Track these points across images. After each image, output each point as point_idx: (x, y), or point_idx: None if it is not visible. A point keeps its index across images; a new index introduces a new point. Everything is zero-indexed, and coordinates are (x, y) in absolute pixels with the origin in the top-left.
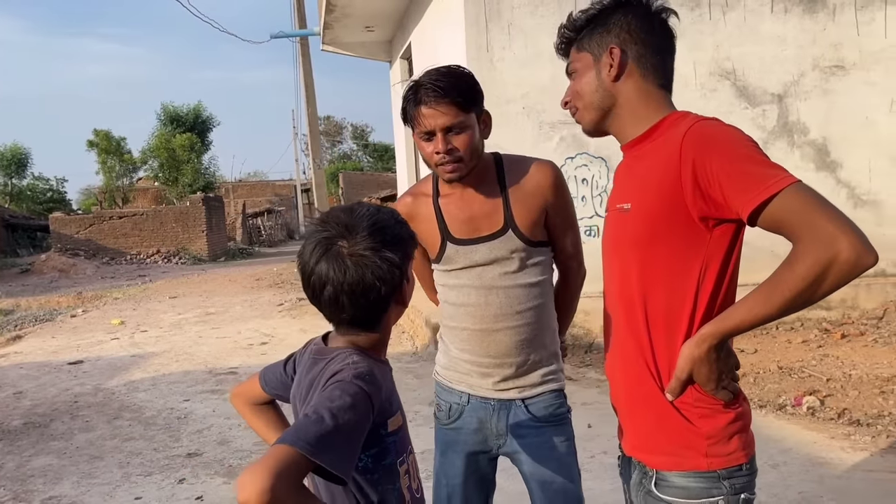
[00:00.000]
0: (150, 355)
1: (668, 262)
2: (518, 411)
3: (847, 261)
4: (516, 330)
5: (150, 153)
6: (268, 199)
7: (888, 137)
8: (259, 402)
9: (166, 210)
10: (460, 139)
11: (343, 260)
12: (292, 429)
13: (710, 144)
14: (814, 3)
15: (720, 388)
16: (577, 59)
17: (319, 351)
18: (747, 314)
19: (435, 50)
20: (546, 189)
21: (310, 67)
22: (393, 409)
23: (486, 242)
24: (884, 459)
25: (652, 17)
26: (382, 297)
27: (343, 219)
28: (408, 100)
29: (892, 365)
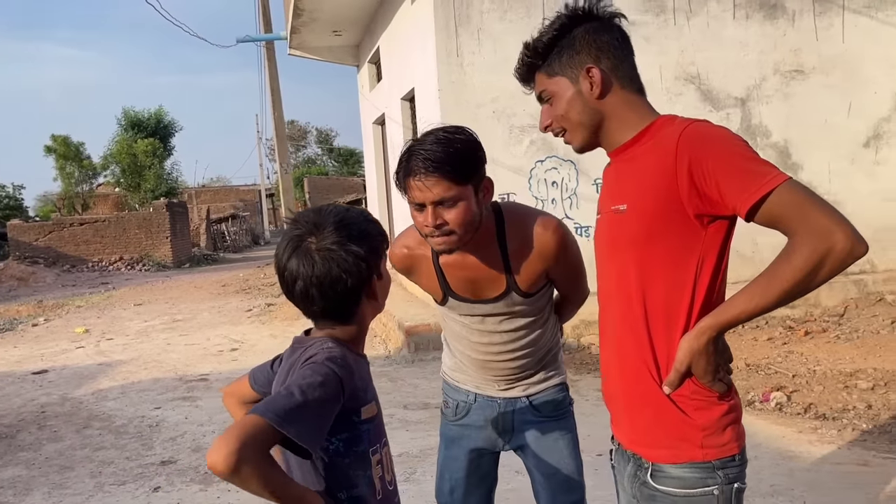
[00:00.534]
0: (118, 363)
1: (666, 259)
2: (523, 407)
3: (842, 251)
4: (516, 360)
5: (112, 158)
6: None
7: (846, 140)
8: (249, 400)
9: (129, 216)
10: (452, 214)
11: (311, 255)
12: (263, 402)
13: (705, 144)
14: (774, 10)
15: (716, 380)
16: (551, 83)
17: (299, 340)
18: (746, 305)
19: (404, 54)
20: (550, 254)
21: (276, 71)
22: (367, 398)
23: (489, 304)
24: (850, 452)
25: (610, 25)
26: (350, 290)
27: (312, 217)
28: (400, 167)
29: (853, 360)
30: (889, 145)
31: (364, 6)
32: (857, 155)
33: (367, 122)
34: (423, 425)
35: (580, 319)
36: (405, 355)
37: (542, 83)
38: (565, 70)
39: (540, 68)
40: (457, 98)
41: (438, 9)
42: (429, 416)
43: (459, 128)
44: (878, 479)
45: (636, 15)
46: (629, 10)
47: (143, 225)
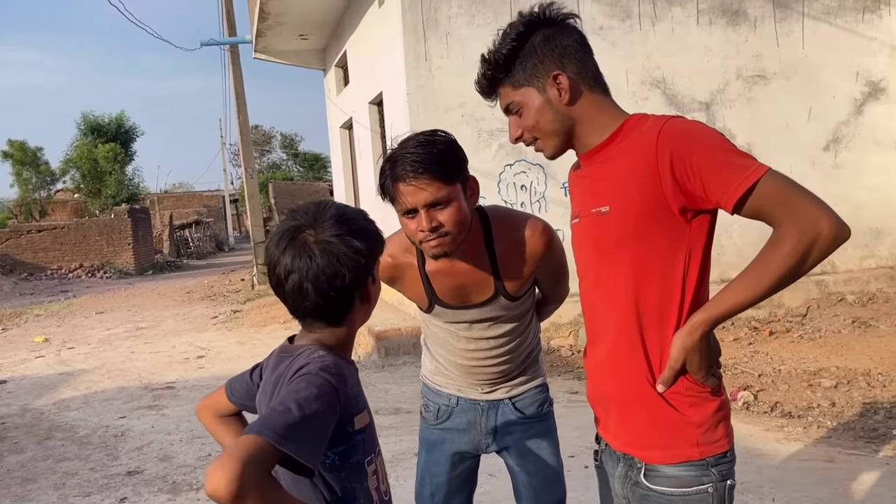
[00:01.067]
0: (80, 372)
1: (654, 257)
2: (506, 409)
3: (829, 236)
4: (500, 364)
5: (71, 164)
6: (195, 210)
7: (807, 143)
8: (226, 413)
9: (89, 223)
10: (446, 214)
11: (309, 248)
12: (259, 420)
13: (686, 141)
14: (736, 16)
15: (709, 375)
16: (517, 95)
17: (284, 349)
18: (738, 297)
19: (372, 58)
20: (539, 256)
21: (240, 75)
22: (360, 407)
23: (477, 308)
24: (816, 448)
25: (567, 28)
26: (347, 287)
27: (310, 210)
28: (384, 175)
29: (817, 359)
30: (847, 149)
31: (331, 10)
32: (818, 158)
33: (334, 127)
34: (395, 430)
35: (550, 322)
36: (375, 360)
37: (507, 96)
38: (531, 80)
39: (503, 81)
40: (425, 102)
41: (406, 13)
42: (400, 420)
43: (436, 131)
44: (844, 475)
45: (603, 20)
46: (596, 15)
47: (105, 231)
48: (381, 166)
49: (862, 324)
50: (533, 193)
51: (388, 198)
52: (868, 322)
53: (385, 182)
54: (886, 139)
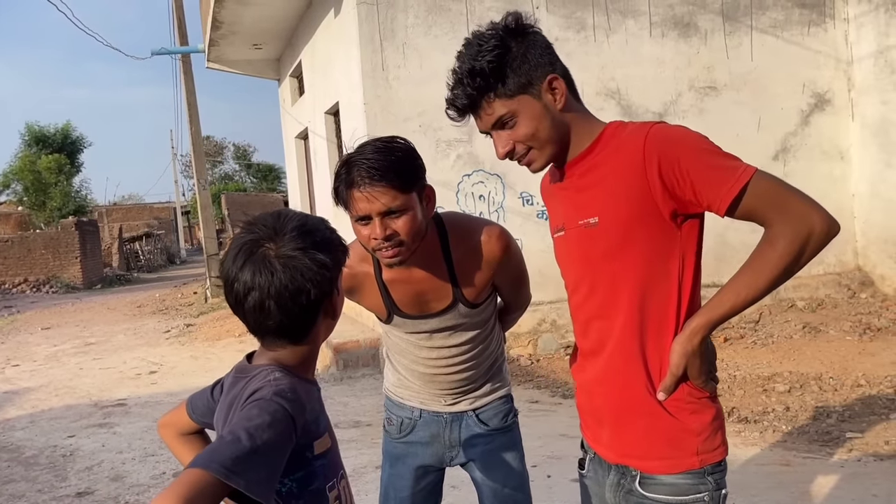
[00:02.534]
0: (26, 391)
1: (648, 265)
2: (469, 421)
3: (822, 232)
4: (463, 372)
5: (13, 176)
6: (146, 222)
7: (757, 153)
8: (188, 431)
9: (34, 236)
10: (400, 223)
11: (270, 262)
12: (206, 451)
13: (673, 145)
14: (687, 28)
15: (709, 380)
16: (512, 104)
17: (241, 369)
18: (736, 298)
19: (328, 68)
20: (496, 261)
21: (192, 85)
22: (320, 431)
23: (436, 317)
24: (773, 453)
25: (539, 35)
26: (312, 303)
27: (269, 222)
28: (339, 179)
29: (770, 365)
30: (796, 158)
31: (285, 19)
32: (768, 167)
33: (289, 137)
34: (355, 444)
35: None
36: (333, 373)
37: (498, 108)
38: (526, 87)
39: (494, 93)
40: (383, 112)
41: (363, 23)
42: (360, 434)
43: (394, 137)
44: (800, 477)
45: (558, 31)
46: (551, 27)
47: (50, 245)
48: (336, 170)
49: (812, 329)
50: (491, 203)
51: (341, 203)
52: (818, 327)
53: (339, 187)
54: (832, 149)
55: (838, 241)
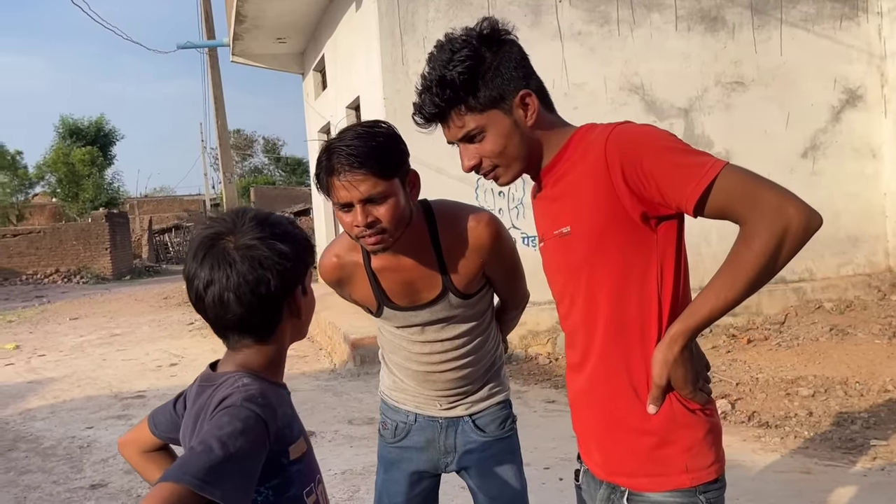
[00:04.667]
0: (49, 381)
1: (624, 272)
2: (465, 427)
3: (799, 226)
4: (459, 369)
5: (47, 168)
6: (175, 214)
7: (785, 150)
8: (150, 448)
9: (66, 227)
10: (382, 210)
11: (229, 255)
12: (176, 464)
13: (634, 145)
14: (714, 22)
15: (697, 389)
16: (481, 119)
17: (206, 378)
18: (715, 302)
19: (349, 62)
20: (484, 247)
21: (219, 79)
22: (294, 435)
23: (427, 308)
24: (793, 460)
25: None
26: (272, 295)
27: (230, 216)
28: (320, 167)
29: (794, 367)
30: (825, 156)
31: (308, 13)
32: (796, 165)
33: (312, 131)
34: (368, 441)
35: (527, 329)
36: (350, 369)
37: (468, 122)
38: (497, 102)
39: (464, 105)
40: (403, 107)
41: (383, 17)
42: (373, 431)
43: (377, 121)
44: (821, 486)
45: (581, 25)
46: (574, 20)
47: (81, 236)
48: (318, 156)
49: (840, 331)
50: (511, 199)
51: (323, 190)
52: (846, 330)
53: (320, 174)
54: (863, 146)
55: (869, 241)
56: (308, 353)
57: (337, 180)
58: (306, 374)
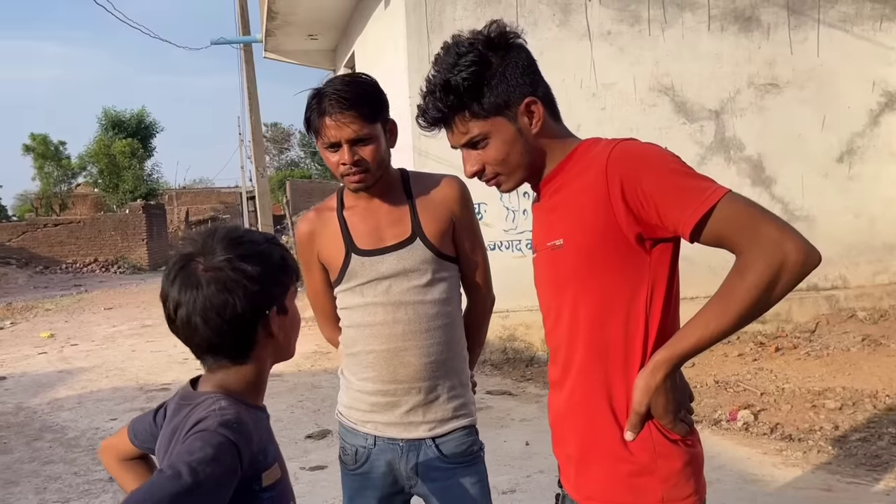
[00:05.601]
0: (79, 371)
1: (613, 291)
2: (428, 451)
3: (796, 262)
4: (425, 350)
5: (89, 159)
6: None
7: (820, 154)
8: (129, 457)
9: (105, 218)
10: (367, 150)
11: (197, 277)
12: (144, 487)
13: (636, 164)
14: (749, 22)
15: (678, 420)
16: (485, 126)
17: (185, 396)
18: (703, 332)
19: (377, 60)
20: (453, 201)
21: (253, 75)
22: (268, 462)
23: (394, 252)
24: (814, 476)
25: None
26: (239, 317)
27: (202, 235)
28: (311, 109)
29: (823, 378)
30: (862, 160)
31: (339, 10)
32: (831, 170)
33: None
34: None
35: None
36: None
37: (471, 128)
38: (502, 109)
39: (467, 111)
40: None
41: (410, 15)
42: None
43: (360, 73)
44: None
45: (611, 25)
46: (604, 20)
47: (119, 227)
48: (308, 100)
49: (872, 342)
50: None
51: (312, 131)
52: (879, 340)
53: (311, 116)
54: None
55: None
56: (331, 350)
57: (328, 120)
58: (328, 370)
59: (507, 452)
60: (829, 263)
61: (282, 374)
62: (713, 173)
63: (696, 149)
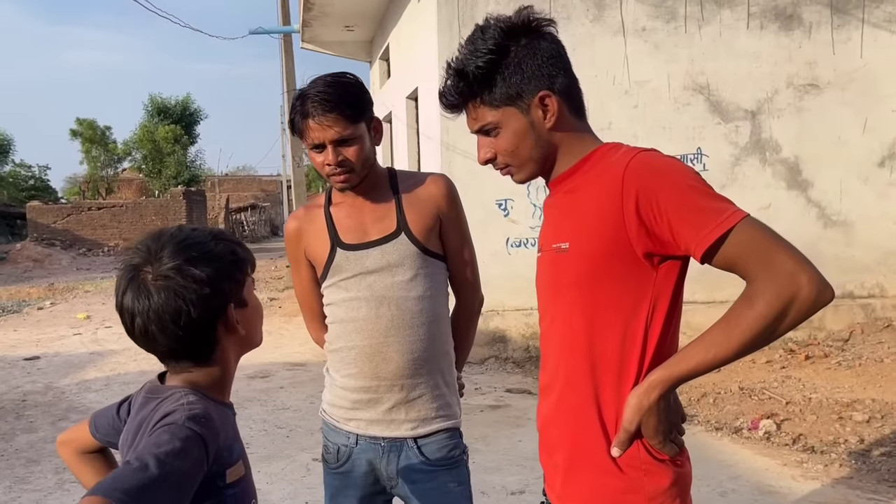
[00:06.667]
0: (109, 353)
1: (613, 303)
2: (410, 453)
3: (808, 297)
4: (409, 347)
5: (134, 144)
6: (253, 194)
7: (860, 158)
8: (89, 450)
9: (146, 203)
10: (351, 151)
11: (146, 287)
12: (110, 477)
13: (654, 177)
14: (790, 21)
15: (668, 441)
16: (496, 115)
17: (152, 390)
18: (703, 356)
19: (411, 52)
20: (439, 198)
21: (292, 65)
22: (233, 458)
23: (379, 247)
24: (834, 490)
25: (548, 38)
26: (196, 322)
27: (149, 243)
28: (295, 111)
29: (852, 389)
30: None
31: (374, 2)
32: (871, 174)
33: None
34: None
35: None
36: None
37: (483, 116)
38: (514, 100)
39: (480, 99)
40: None
41: (442, 9)
42: None
43: (344, 73)
44: None
45: (646, 21)
46: (639, 16)
47: (160, 212)
48: (291, 102)
49: None
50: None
51: (297, 133)
52: None
53: (295, 118)
54: None
55: None
56: None
57: (311, 122)
58: None
59: (521, 452)
60: (867, 271)
61: (305, 364)
62: (748, 175)
63: (730, 149)
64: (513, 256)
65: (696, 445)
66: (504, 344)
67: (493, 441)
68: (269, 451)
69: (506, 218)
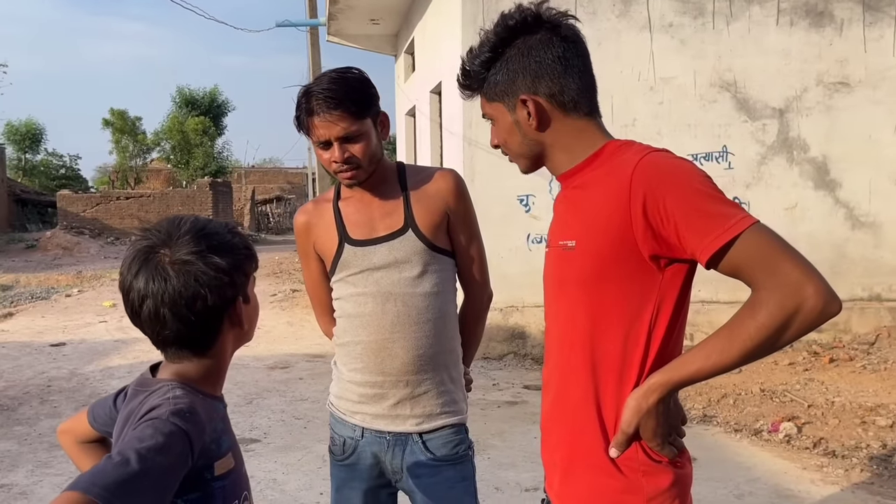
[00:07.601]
0: (134, 341)
1: (617, 304)
2: (415, 448)
3: (813, 309)
4: (414, 343)
5: (163, 135)
6: (279, 186)
7: (891, 158)
8: (88, 439)
9: (173, 193)
10: (357, 147)
11: (164, 269)
12: (91, 471)
13: (663, 179)
14: (821, 18)
15: (666, 444)
16: (490, 108)
17: (142, 382)
18: (704, 362)
19: (436, 47)
20: (447, 193)
21: (318, 58)
22: (221, 451)
23: (386, 243)
24: (853, 495)
25: (554, 35)
26: (210, 309)
27: (165, 227)
28: (300, 108)
29: (877, 394)
30: None
31: None
32: None
33: (400, 113)
34: None
35: None
36: None
37: (483, 106)
38: (501, 97)
39: (478, 91)
40: None
41: (466, 3)
42: None
43: (349, 67)
44: None
45: (673, 17)
46: (666, 12)
47: (187, 202)
48: (297, 99)
49: None
50: None
51: (303, 130)
52: None
53: (300, 115)
54: None
55: None
56: None
57: (317, 119)
58: None
59: (536, 449)
60: (895, 273)
61: (325, 356)
62: (774, 174)
63: (756, 148)
64: (533, 252)
65: (715, 446)
66: (523, 340)
67: (509, 437)
68: (287, 441)
69: (527, 214)
